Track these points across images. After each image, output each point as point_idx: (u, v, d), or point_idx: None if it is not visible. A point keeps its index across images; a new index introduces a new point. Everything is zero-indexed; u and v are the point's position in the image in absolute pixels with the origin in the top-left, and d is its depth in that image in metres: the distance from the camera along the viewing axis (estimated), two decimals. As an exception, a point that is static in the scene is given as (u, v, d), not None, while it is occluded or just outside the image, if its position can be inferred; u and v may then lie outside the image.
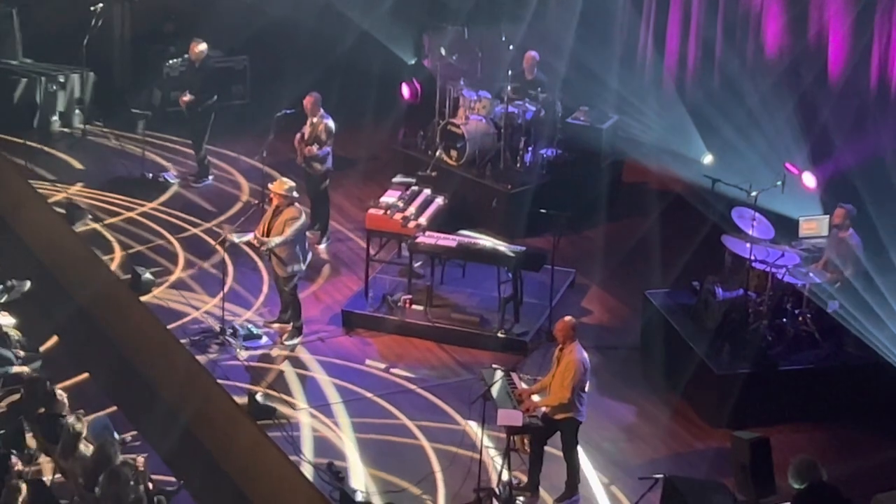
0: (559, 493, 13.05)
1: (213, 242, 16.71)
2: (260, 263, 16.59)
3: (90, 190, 18.41)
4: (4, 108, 19.98)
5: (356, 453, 13.63)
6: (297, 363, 15.06)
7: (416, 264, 16.18)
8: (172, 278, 16.46)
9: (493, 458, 13.33)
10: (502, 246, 15.91)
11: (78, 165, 19.24)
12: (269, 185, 15.29)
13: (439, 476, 13.30)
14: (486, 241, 16.17)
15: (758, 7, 18.44)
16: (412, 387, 14.72)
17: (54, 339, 15.31)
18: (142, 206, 18.13)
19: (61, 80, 20.20)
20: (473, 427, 13.45)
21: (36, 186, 17.90)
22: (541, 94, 18.44)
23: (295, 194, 15.08)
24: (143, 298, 15.73)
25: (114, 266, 16.55)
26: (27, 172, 18.47)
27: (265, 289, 16.25)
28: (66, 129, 20.21)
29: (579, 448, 13.01)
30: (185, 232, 17.59)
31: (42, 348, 14.92)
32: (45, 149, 19.60)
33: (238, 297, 16.14)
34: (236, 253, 16.54)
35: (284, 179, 15.14)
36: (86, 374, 14.72)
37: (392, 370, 14.99)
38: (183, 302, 15.99)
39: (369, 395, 14.53)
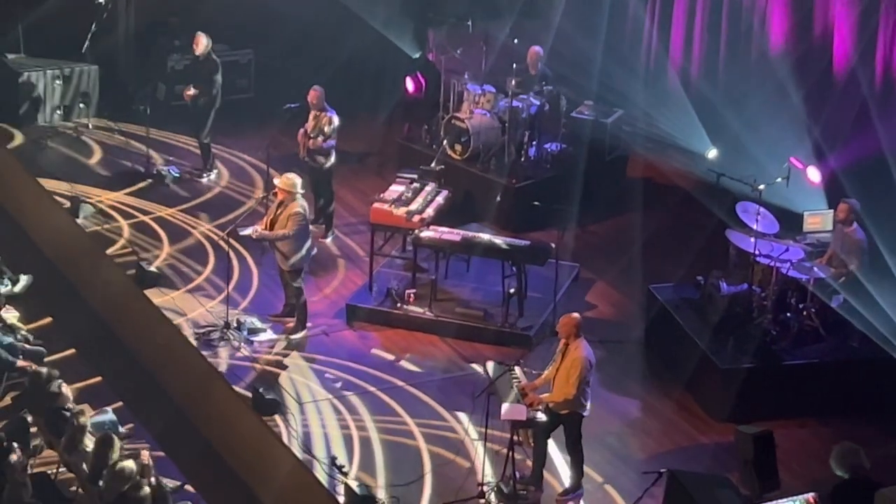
0: (563, 487, 13.06)
1: (218, 236, 16.80)
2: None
3: (95, 186, 18.40)
4: (8, 102, 19.99)
5: (360, 447, 13.64)
6: (301, 357, 15.06)
7: (422, 258, 16.19)
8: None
9: (497, 453, 13.34)
10: (506, 240, 15.91)
11: (82, 160, 19.23)
12: (276, 180, 15.30)
13: (442, 470, 13.31)
14: (491, 236, 16.17)
15: (763, 1, 18.42)
16: (416, 381, 14.73)
17: (59, 335, 15.34)
18: (145, 201, 18.14)
19: (65, 73, 20.21)
20: (477, 421, 13.46)
21: (42, 182, 17.89)
22: (545, 87, 18.44)
23: (300, 190, 15.08)
24: (147, 293, 15.73)
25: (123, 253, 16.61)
26: (32, 167, 18.47)
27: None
28: (69, 124, 20.20)
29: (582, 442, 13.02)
30: (189, 226, 17.59)
31: (45, 341, 14.97)
32: (50, 143, 19.59)
33: (242, 291, 16.16)
34: (243, 247, 16.58)
35: (291, 174, 15.13)
36: (90, 369, 14.76)
37: (398, 363, 15.00)
38: (190, 299, 16.00)
39: (373, 388, 14.54)
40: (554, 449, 13.20)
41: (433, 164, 17.50)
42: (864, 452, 11.45)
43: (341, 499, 12.57)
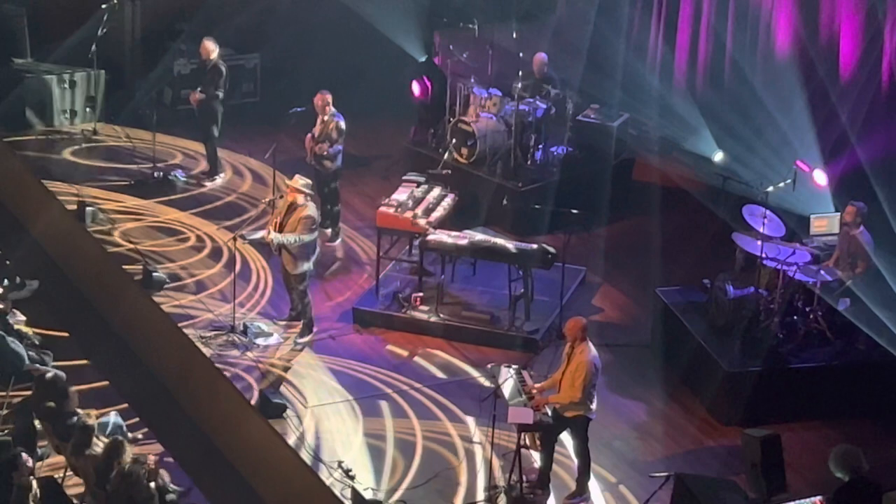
0: (570, 490, 13.06)
1: (224, 240, 16.82)
2: (262, 263, 16.63)
3: (101, 190, 18.42)
4: (16, 107, 20.00)
5: (366, 451, 13.64)
6: (307, 360, 15.07)
7: (428, 262, 16.19)
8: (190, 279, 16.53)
9: (504, 456, 13.33)
10: (513, 244, 15.91)
11: (89, 164, 19.24)
12: (286, 182, 15.30)
13: (449, 474, 13.31)
14: (497, 239, 16.16)
15: (769, 4, 18.42)
16: (422, 384, 14.73)
17: (65, 335, 15.36)
18: (152, 204, 18.15)
19: (72, 78, 20.22)
20: (483, 425, 13.45)
21: (49, 186, 17.89)
22: (552, 90, 18.43)
23: (310, 192, 15.10)
24: (154, 297, 15.73)
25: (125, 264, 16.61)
26: (39, 171, 18.48)
27: (267, 288, 16.29)
28: (76, 128, 20.22)
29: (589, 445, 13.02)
30: (196, 230, 17.60)
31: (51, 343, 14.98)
32: (56, 148, 19.61)
33: (249, 295, 16.17)
34: (250, 250, 16.60)
35: (301, 177, 15.15)
36: (96, 372, 14.77)
37: (404, 367, 15.00)
38: (196, 304, 16.00)
39: (379, 392, 14.54)
40: (561, 453, 13.19)
41: (439, 168, 17.50)
42: (862, 453, 11.42)
43: (348, 503, 12.57)
